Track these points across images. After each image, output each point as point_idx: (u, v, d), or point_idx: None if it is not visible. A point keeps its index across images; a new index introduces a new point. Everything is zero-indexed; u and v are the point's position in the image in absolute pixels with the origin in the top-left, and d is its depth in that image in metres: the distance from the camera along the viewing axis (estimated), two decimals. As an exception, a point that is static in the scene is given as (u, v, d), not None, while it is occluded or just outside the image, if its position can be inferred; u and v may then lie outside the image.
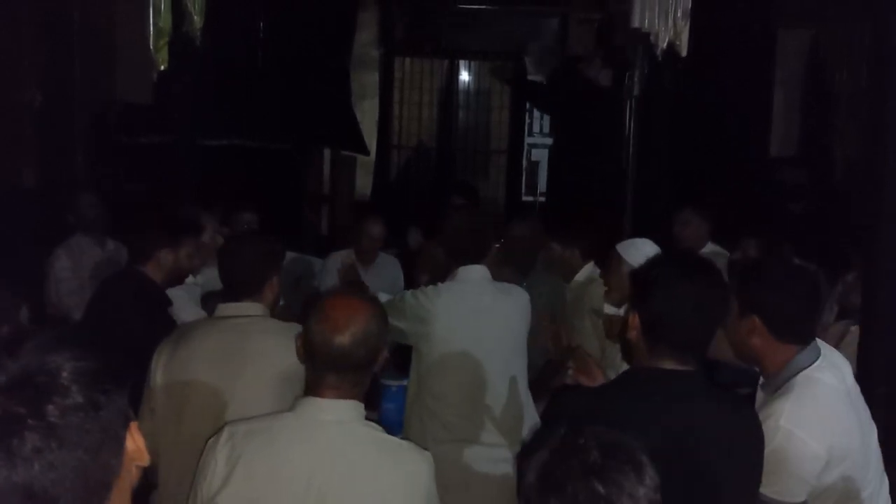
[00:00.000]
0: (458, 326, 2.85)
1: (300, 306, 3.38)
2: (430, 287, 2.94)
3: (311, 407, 1.79)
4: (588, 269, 3.65)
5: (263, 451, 1.75)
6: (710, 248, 4.45)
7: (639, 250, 3.15)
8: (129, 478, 1.11)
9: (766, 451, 1.87)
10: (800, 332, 2.09)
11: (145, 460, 1.14)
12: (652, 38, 3.53)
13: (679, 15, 3.43)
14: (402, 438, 2.88)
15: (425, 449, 1.87)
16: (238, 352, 2.32)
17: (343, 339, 1.77)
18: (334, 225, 7.99)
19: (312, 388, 1.81)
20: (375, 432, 1.81)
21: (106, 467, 1.06)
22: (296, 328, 1.99)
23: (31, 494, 1.01)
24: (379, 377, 3.37)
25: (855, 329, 2.98)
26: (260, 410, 1.93)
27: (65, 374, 1.04)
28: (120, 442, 1.09)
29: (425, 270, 3.50)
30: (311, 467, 1.73)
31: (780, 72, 6.11)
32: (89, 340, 1.16)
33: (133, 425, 1.12)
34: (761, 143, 6.11)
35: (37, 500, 1.01)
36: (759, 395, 2.16)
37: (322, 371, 1.79)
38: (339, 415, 1.78)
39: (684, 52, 3.57)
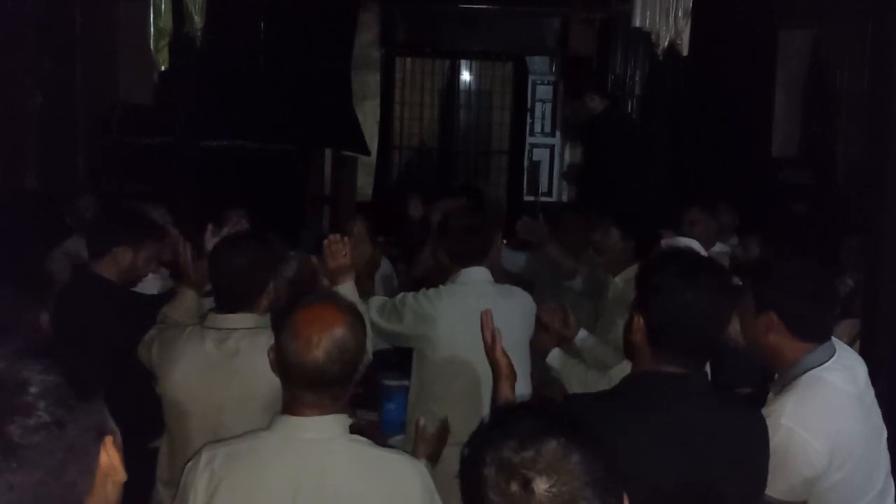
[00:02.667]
0: (460, 329, 2.80)
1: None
2: (432, 290, 2.92)
3: (290, 426, 1.71)
4: (634, 269, 3.56)
5: (244, 474, 1.69)
6: (718, 248, 4.44)
7: None
8: (103, 494, 1.06)
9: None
10: (816, 330, 2.08)
11: (121, 476, 1.09)
12: (653, 37, 3.52)
13: (680, 14, 3.43)
14: (405, 440, 2.87)
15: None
16: (228, 368, 2.22)
17: (318, 356, 1.67)
18: (336, 226, 7.97)
19: (290, 406, 1.74)
20: (362, 447, 1.74)
21: (71, 487, 1.02)
22: None
23: None
24: (380, 377, 3.36)
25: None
26: (254, 426, 1.86)
27: (32, 390, 1.00)
28: (89, 459, 1.04)
29: (431, 257, 3.46)
30: (295, 489, 1.66)
31: (782, 72, 6.11)
32: (63, 347, 1.10)
33: (108, 440, 1.07)
34: (763, 143, 6.11)
35: None
36: (770, 393, 2.15)
37: (298, 390, 1.71)
38: (322, 432, 1.71)
39: (685, 52, 3.56)
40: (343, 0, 7.86)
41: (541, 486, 1.06)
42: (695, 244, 3.26)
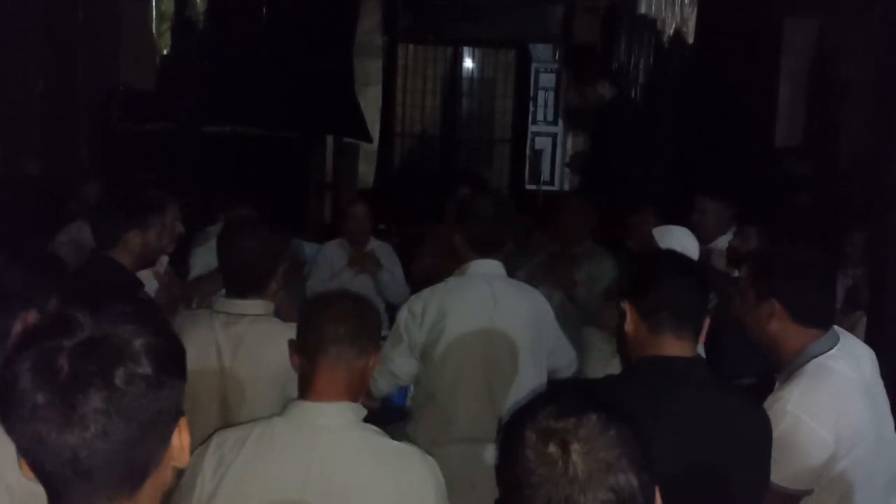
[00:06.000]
0: (469, 324, 2.70)
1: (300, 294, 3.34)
2: (440, 283, 2.79)
3: (304, 411, 1.72)
4: None
5: (254, 460, 1.68)
6: (729, 236, 4.43)
7: (673, 237, 3.14)
8: (164, 476, 1.08)
9: (773, 437, 1.86)
10: (819, 316, 2.09)
11: (184, 462, 1.10)
12: (658, 24, 3.51)
13: (686, 2, 3.41)
14: (407, 431, 2.83)
15: (432, 447, 1.84)
16: (235, 352, 2.23)
17: (336, 315, 1.76)
18: (337, 213, 7.97)
19: (305, 389, 1.76)
20: (375, 437, 1.74)
21: (149, 452, 1.04)
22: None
23: (74, 459, 0.99)
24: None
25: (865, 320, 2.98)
26: (259, 414, 1.87)
27: (138, 343, 1.03)
28: (169, 430, 1.07)
29: (435, 253, 3.39)
30: (306, 477, 1.66)
31: (786, 62, 6.07)
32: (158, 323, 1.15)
33: (182, 421, 1.09)
34: (766, 133, 6.09)
35: (76, 466, 0.99)
36: (777, 384, 2.15)
37: (313, 360, 1.74)
38: (335, 419, 1.71)
39: (691, 39, 3.55)
40: (346, -14, 7.83)
41: (578, 449, 1.09)
42: (684, 231, 3.25)
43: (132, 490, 1.03)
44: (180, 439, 1.09)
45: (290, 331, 2.00)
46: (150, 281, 3.22)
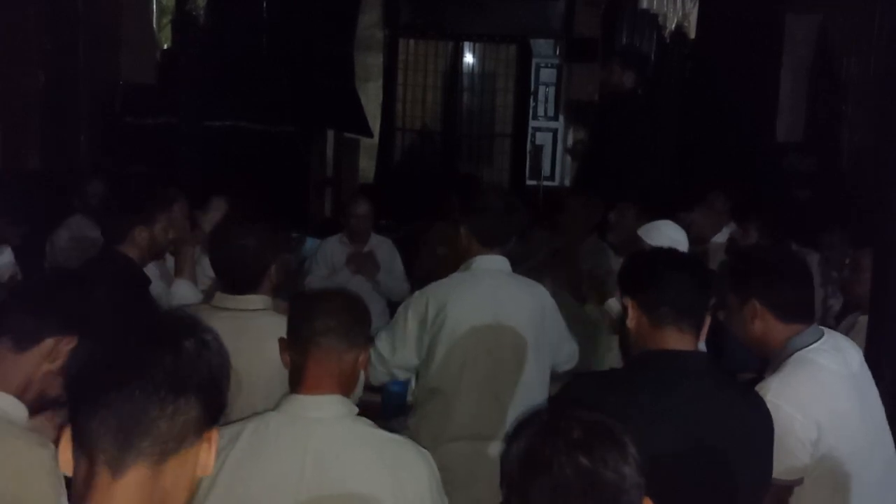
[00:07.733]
0: (471, 320, 2.67)
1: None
2: (444, 279, 2.76)
3: (296, 404, 1.73)
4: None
5: (250, 453, 1.69)
6: (726, 234, 4.42)
7: (661, 232, 3.10)
8: (191, 463, 1.11)
9: None
10: (799, 310, 2.12)
11: (208, 471, 1.15)
12: (660, 19, 3.50)
13: (688, -3, 3.40)
14: (408, 427, 2.83)
15: (433, 444, 1.84)
16: (234, 347, 2.23)
17: (325, 308, 1.78)
18: (338, 208, 7.97)
19: (296, 383, 1.77)
20: (369, 429, 1.75)
21: (187, 423, 1.09)
22: None
23: (126, 407, 1.05)
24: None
25: (862, 319, 2.98)
26: (257, 408, 1.86)
27: (209, 335, 1.16)
28: (210, 411, 1.13)
29: (441, 245, 3.36)
30: (301, 468, 1.67)
31: (788, 57, 6.06)
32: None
33: (215, 435, 1.14)
34: (768, 128, 6.08)
35: (121, 419, 1.05)
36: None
37: (304, 353, 1.75)
38: (327, 411, 1.72)
39: (693, 34, 3.54)
40: (347, -19, 7.82)
41: (573, 412, 1.20)
42: (670, 224, 3.24)
43: (160, 459, 1.07)
44: (209, 451, 1.14)
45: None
46: (158, 273, 3.24)
